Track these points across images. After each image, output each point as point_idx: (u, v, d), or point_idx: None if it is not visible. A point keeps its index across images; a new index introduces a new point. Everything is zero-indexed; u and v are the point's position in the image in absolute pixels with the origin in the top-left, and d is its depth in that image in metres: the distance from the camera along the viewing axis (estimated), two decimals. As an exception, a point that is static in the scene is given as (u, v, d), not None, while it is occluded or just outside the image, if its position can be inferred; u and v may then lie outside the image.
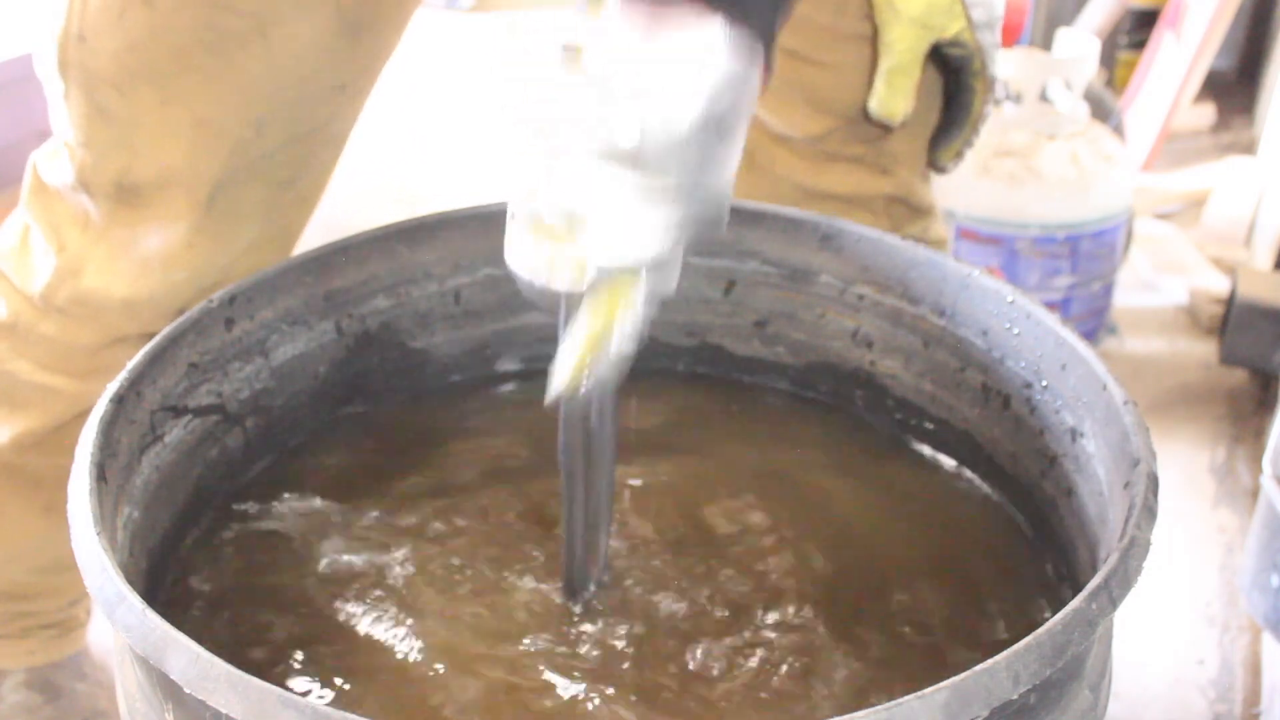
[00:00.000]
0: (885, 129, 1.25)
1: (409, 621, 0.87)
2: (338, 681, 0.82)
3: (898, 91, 1.19)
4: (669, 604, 0.88)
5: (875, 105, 1.20)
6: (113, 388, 0.85)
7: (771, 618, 0.87)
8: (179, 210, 1.07)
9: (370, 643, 0.85)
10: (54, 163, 1.13)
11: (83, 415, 1.10)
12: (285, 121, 1.08)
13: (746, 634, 0.86)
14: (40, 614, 1.34)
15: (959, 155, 1.29)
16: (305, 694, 0.81)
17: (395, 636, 0.85)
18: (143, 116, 1.05)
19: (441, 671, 0.83)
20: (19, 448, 1.19)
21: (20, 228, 1.17)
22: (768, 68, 0.73)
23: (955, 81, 1.23)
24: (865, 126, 1.25)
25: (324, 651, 0.84)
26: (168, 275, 1.09)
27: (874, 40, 1.20)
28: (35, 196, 1.15)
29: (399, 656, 0.84)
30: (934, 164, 1.29)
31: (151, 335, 0.90)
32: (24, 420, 1.18)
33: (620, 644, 0.85)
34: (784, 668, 0.83)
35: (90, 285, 1.10)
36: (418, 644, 0.85)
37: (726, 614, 0.88)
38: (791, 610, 0.88)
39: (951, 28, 1.15)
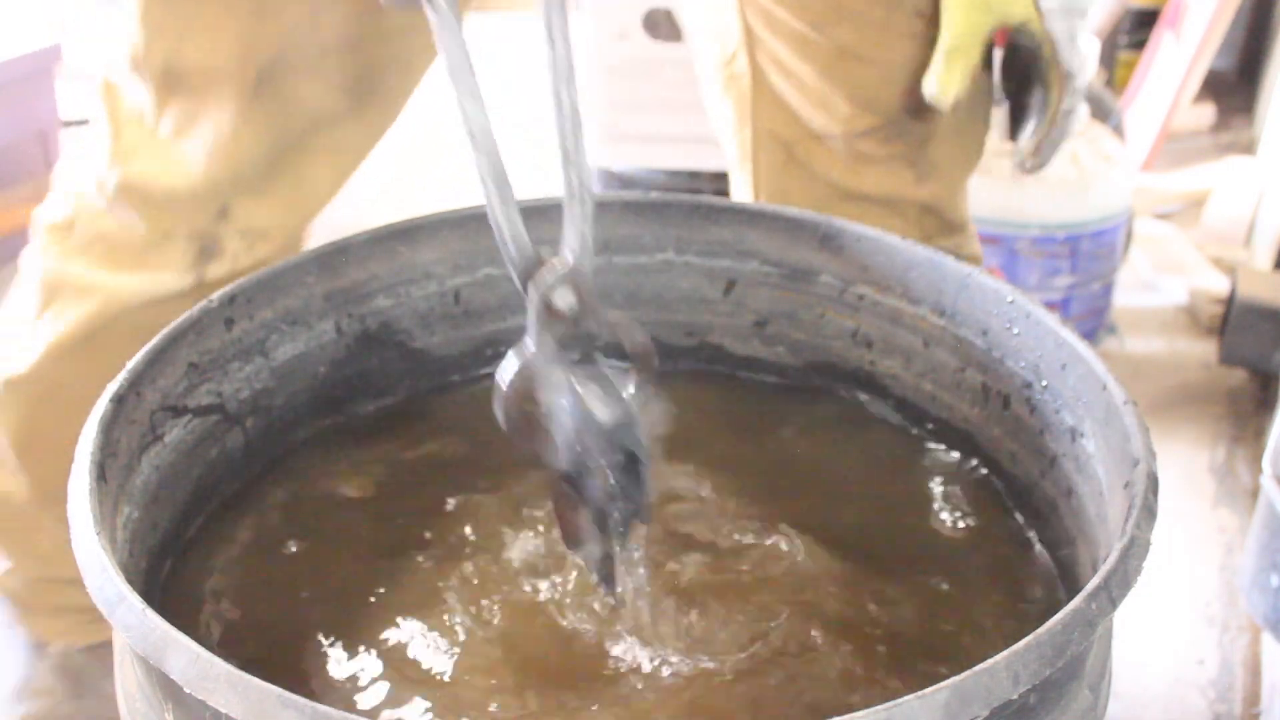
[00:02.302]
0: (926, 132, 1.24)
1: (407, 620, 0.87)
2: (337, 679, 0.82)
3: (954, 71, 1.17)
4: (669, 604, 0.88)
5: (931, 84, 1.18)
6: (112, 388, 0.85)
7: (768, 614, 0.87)
8: (225, 98, 1.08)
9: (370, 640, 0.85)
10: (114, 53, 1.14)
11: (124, 318, 1.13)
12: (343, 16, 1.07)
13: (739, 628, 0.86)
14: (74, 595, 1.35)
15: (1040, 153, 1.26)
16: (305, 693, 0.81)
17: (394, 634, 0.85)
18: None
19: (444, 669, 0.83)
20: (60, 354, 1.20)
21: (91, 131, 1.20)
22: None
23: (1034, 71, 1.21)
24: (908, 125, 1.24)
25: (324, 649, 0.84)
26: (211, 168, 1.10)
27: (930, 26, 1.19)
28: (103, 94, 1.18)
29: (399, 653, 0.84)
30: (1017, 161, 1.27)
31: (199, 237, 0.87)
32: (68, 323, 1.19)
33: (620, 646, 0.85)
34: (780, 665, 0.83)
35: (137, 171, 1.12)
36: (417, 641, 0.85)
37: (724, 610, 0.88)
38: (788, 608, 0.88)
39: (1015, 13, 1.14)
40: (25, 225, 2.31)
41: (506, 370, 0.79)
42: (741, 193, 1.37)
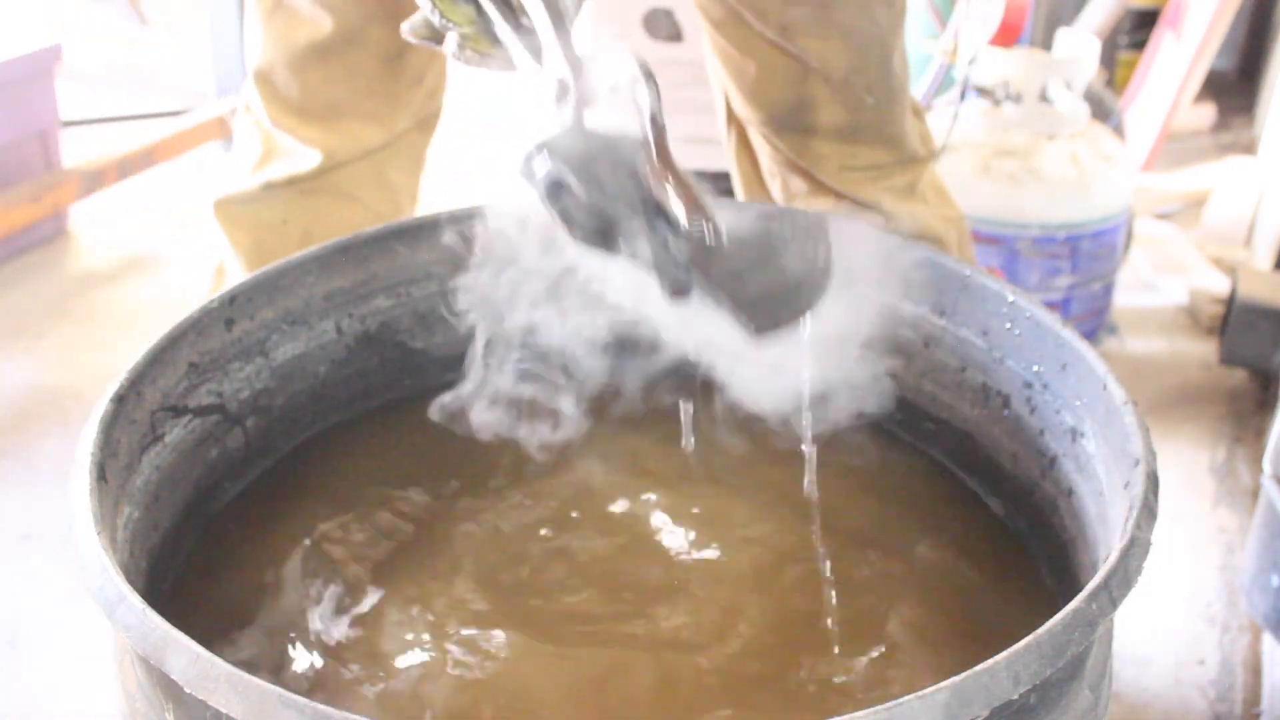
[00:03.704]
0: (807, 127, 1.34)
1: (408, 618, 0.87)
2: (337, 678, 0.82)
3: None
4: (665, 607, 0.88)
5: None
6: (113, 388, 0.85)
7: (771, 621, 0.87)
8: None
9: (370, 640, 0.85)
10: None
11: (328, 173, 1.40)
12: None
13: (743, 630, 0.86)
14: None
15: None
16: (305, 692, 0.81)
17: (395, 634, 0.85)
18: None
19: (444, 669, 0.83)
20: (269, 189, 1.42)
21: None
22: None
23: None
24: (789, 120, 1.34)
25: (325, 648, 0.84)
26: None
27: (785, 50, 1.28)
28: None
29: (399, 653, 0.84)
30: None
31: None
32: (278, 171, 1.41)
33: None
34: (781, 665, 0.83)
35: None
36: (418, 641, 0.85)
37: (724, 615, 0.88)
38: (788, 610, 0.88)
39: None
40: (25, 225, 2.31)
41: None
42: (731, 171, 1.50)
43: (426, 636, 0.85)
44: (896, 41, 1.36)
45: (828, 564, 0.93)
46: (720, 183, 1.56)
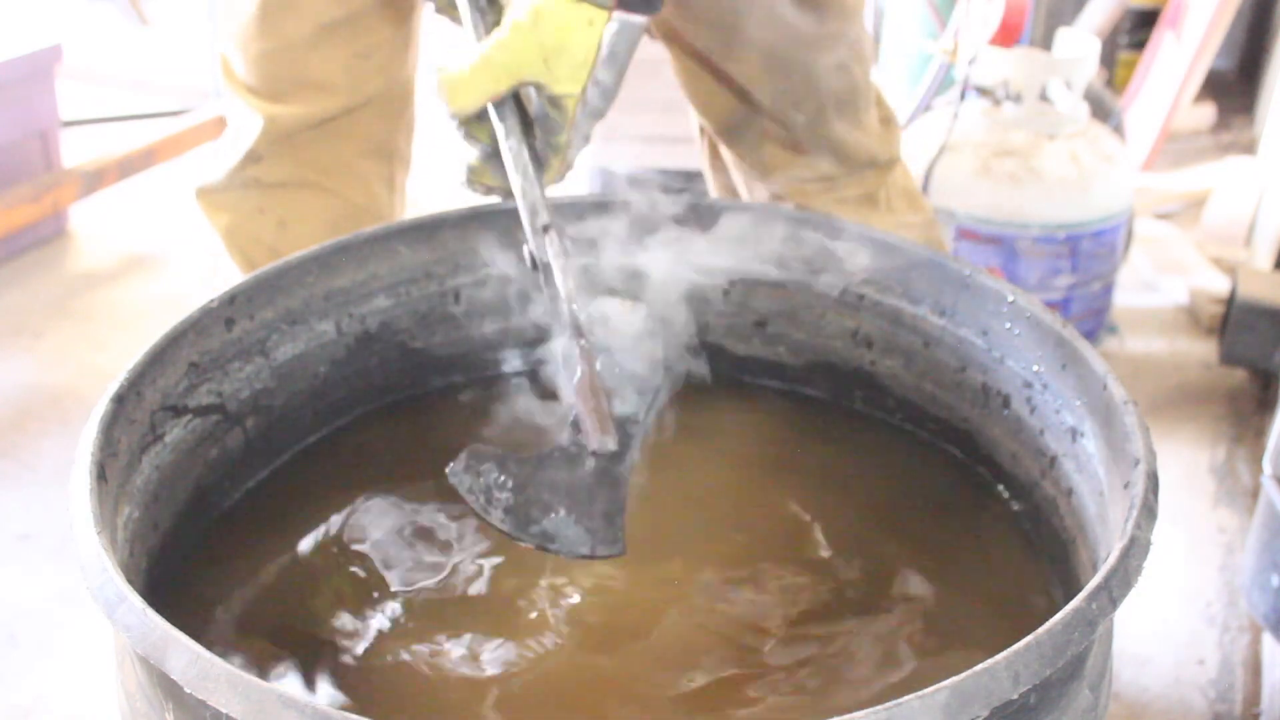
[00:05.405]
0: (756, 138, 1.38)
1: (407, 618, 0.87)
2: (337, 677, 0.82)
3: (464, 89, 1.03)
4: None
5: (441, 89, 1.04)
6: (113, 387, 0.85)
7: (773, 622, 0.87)
8: None
9: (370, 640, 0.85)
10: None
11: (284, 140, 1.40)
12: None
13: (745, 637, 0.86)
14: None
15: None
16: (305, 692, 0.81)
17: (395, 633, 0.85)
18: None
19: (442, 667, 0.83)
20: (237, 169, 1.43)
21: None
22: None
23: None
24: (736, 136, 1.40)
25: (325, 648, 0.84)
26: None
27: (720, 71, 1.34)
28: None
29: (399, 652, 0.84)
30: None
31: None
32: (240, 148, 1.41)
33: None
34: (783, 668, 0.84)
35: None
36: (417, 640, 0.85)
37: (728, 616, 0.88)
38: (790, 612, 0.88)
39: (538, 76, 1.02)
40: (25, 225, 2.31)
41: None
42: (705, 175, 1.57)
43: (425, 635, 0.85)
44: (824, 56, 1.35)
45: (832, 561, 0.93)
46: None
